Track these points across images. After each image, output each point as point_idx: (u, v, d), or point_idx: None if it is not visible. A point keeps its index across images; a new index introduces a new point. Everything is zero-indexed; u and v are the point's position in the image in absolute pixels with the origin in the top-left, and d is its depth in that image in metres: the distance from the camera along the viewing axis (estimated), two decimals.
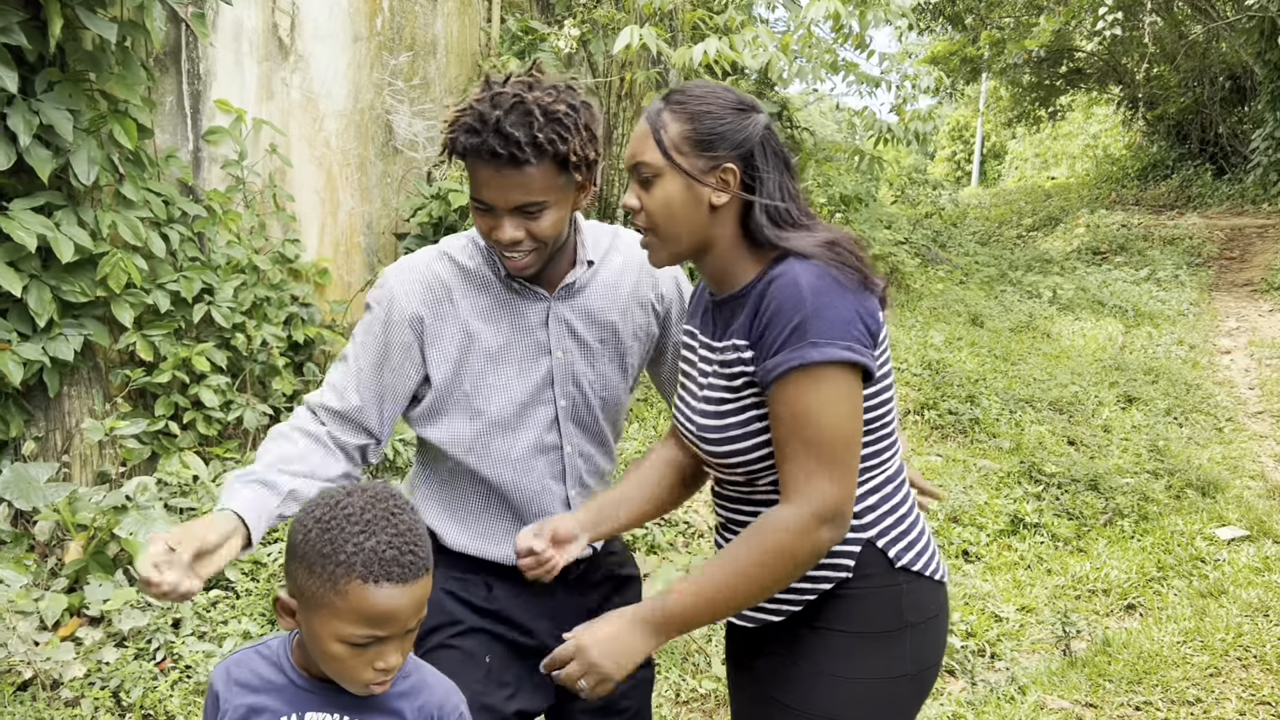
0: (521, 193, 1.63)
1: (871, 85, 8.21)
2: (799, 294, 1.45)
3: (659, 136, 1.54)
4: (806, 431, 1.45)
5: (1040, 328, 8.95)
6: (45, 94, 3.50)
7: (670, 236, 1.57)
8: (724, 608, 1.49)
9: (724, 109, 1.54)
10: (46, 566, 3.59)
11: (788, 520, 1.46)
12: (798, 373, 1.44)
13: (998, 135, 29.03)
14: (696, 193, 1.53)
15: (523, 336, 1.79)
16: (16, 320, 3.63)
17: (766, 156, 1.55)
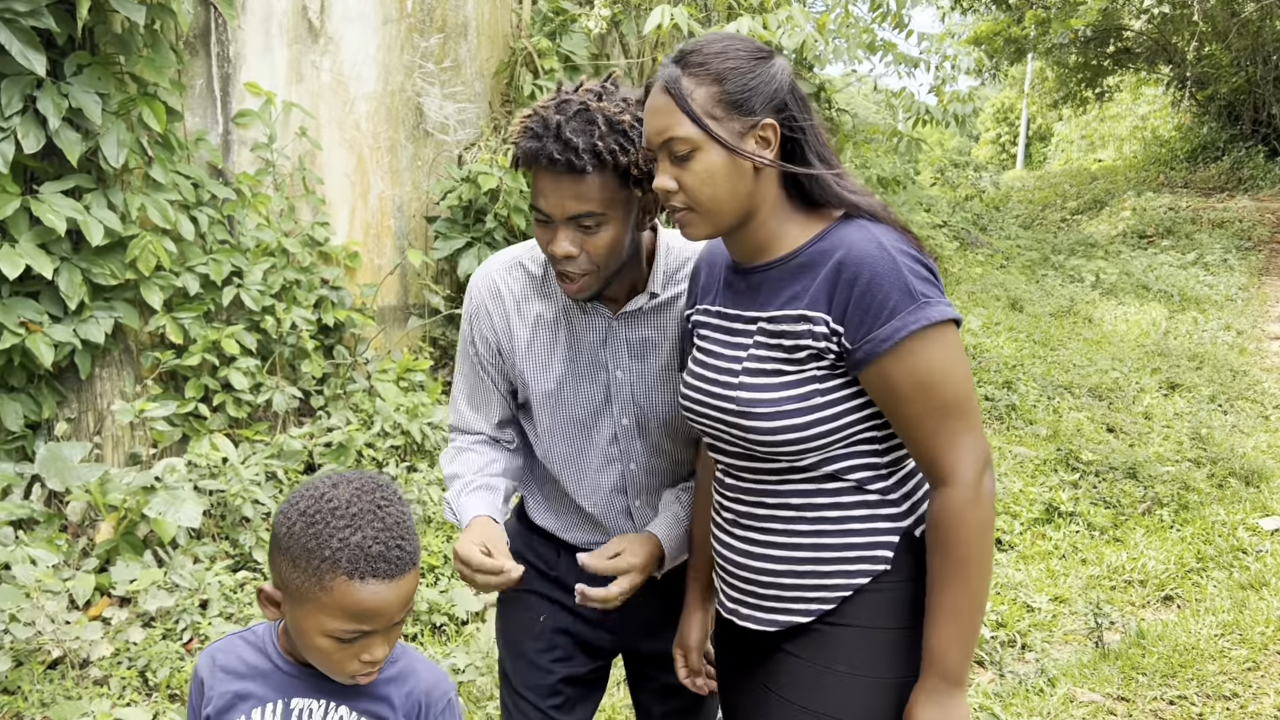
0: (578, 202, 1.58)
1: (910, 66, 8.08)
2: (890, 258, 1.38)
3: (686, 106, 1.41)
4: (942, 395, 1.38)
5: (1082, 312, 8.78)
6: (74, 77, 3.52)
7: (715, 211, 1.45)
8: (979, 622, 1.42)
9: (748, 61, 1.43)
10: (78, 546, 3.63)
11: (963, 501, 1.38)
12: (917, 337, 1.36)
13: (1043, 117, 28.51)
14: (738, 159, 1.43)
15: (581, 352, 1.79)
16: (48, 303, 3.67)
17: (799, 103, 1.45)
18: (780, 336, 1.46)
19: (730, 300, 1.57)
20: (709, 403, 1.54)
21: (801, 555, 1.49)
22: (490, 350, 1.84)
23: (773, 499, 1.51)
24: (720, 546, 1.61)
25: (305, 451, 4.39)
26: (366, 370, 4.93)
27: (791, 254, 1.47)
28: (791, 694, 1.51)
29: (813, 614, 1.50)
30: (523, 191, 5.42)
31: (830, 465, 1.47)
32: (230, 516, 3.93)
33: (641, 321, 1.78)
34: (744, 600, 1.57)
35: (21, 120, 3.36)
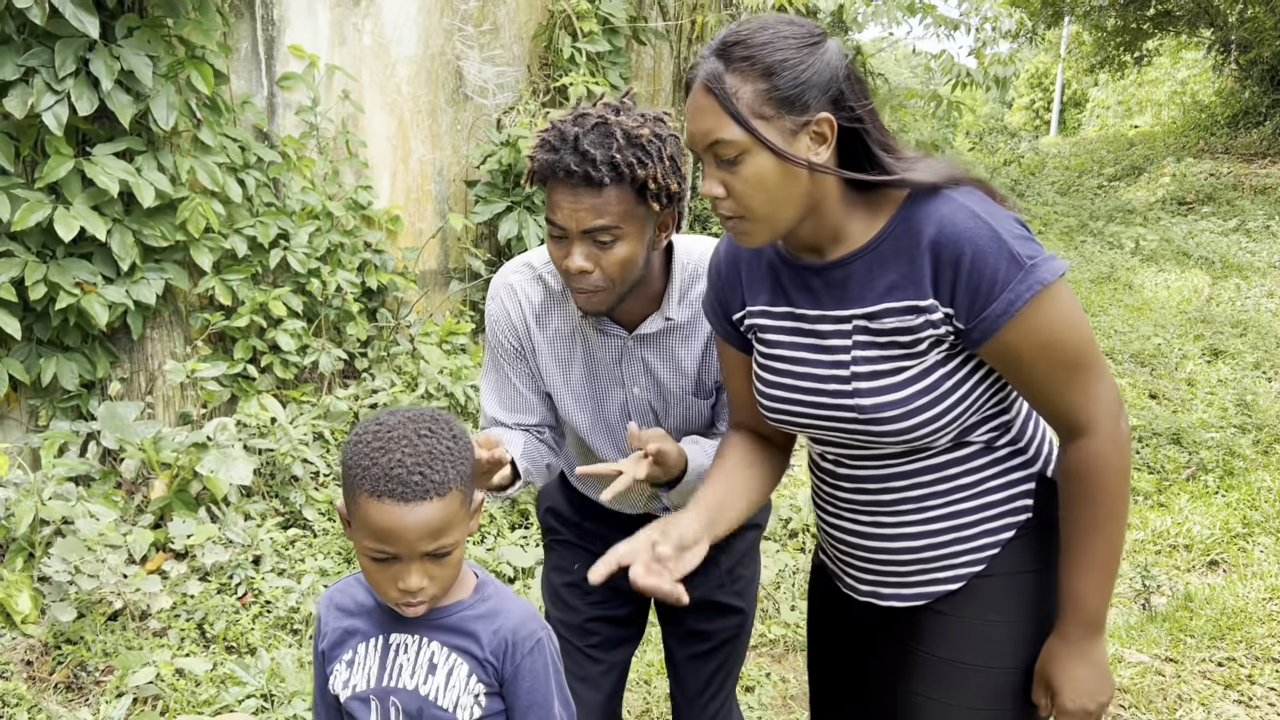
0: (593, 215, 1.57)
1: (950, 28, 7.98)
2: (986, 226, 1.30)
3: (731, 106, 1.28)
4: (1066, 351, 1.33)
5: (1122, 279, 8.69)
6: (125, 40, 3.54)
7: (769, 216, 1.34)
8: (1115, 568, 1.41)
9: (798, 50, 1.29)
10: (133, 503, 3.70)
11: (1105, 447, 1.35)
12: (1032, 304, 1.29)
13: (1079, 82, 28.06)
14: (789, 161, 1.32)
15: (598, 367, 1.80)
16: (100, 264, 3.72)
17: (855, 89, 1.34)
18: (891, 333, 1.38)
19: (804, 299, 1.46)
20: (815, 412, 1.47)
21: (943, 527, 1.48)
22: (515, 353, 1.85)
23: (900, 481, 1.47)
24: (842, 534, 1.57)
25: (351, 413, 4.44)
26: (409, 333, 4.97)
27: (872, 242, 1.38)
28: (946, 650, 1.49)
29: (963, 579, 1.49)
30: None
31: (961, 438, 1.44)
32: (280, 475, 3.99)
33: (658, 342, 1.78)
34: (884, 582, 1.55)
35: (75, 83, 3.39)
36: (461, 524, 1.31)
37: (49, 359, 3.67)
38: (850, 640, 1.68)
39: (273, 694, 2.93)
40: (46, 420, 3.78)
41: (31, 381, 3.66)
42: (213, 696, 2.93)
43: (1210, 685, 3.12)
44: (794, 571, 3.69)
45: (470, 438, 1.41)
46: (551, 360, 1.83)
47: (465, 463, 1.31)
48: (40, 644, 3.12)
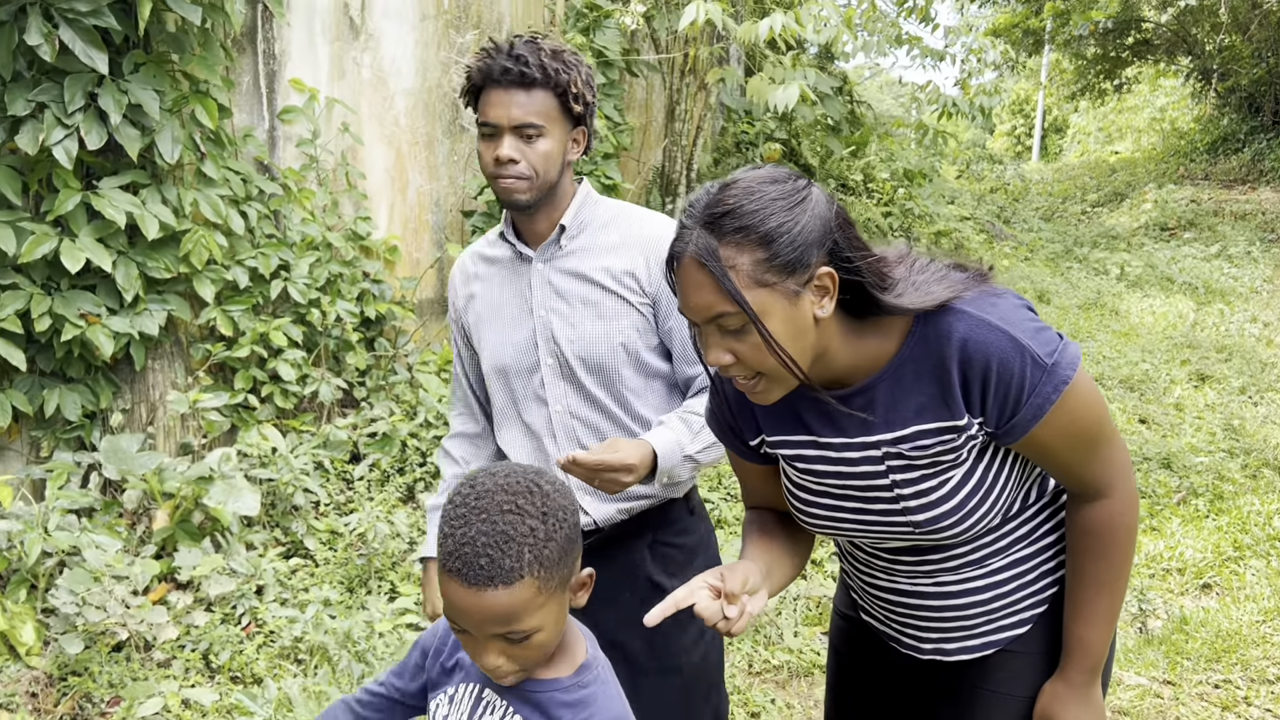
0: (522, 111, 1.77)
1: (936, 59, 8.11)
2: (1005, 335, 1.31)
3: (729, 284, 1.25)
4: (1089, 433, 1.37)
5: (1108, 305, 8.80)
6: (132, 75, 3.58)
7: (785, 375, 1.33)
8: (1116, 620, 1.47)
9: (788, 211, 1.26)
10: (136, 534, 3.71)
11: (1122, 508, 1.41)
12: (1060, 401, 1.32)
13: (1059, 109, 28.41)
14: (798, 318, 1.29)
15: (516, 299, 1.94)
16: (104, 295, 3.74)
17: (844, 228, 1.31)
18: (926, 452, 1.40)
19: (826, 428, 1.47)
20: (867, 528, 1.49)
21: (1007, 576, 1.51)
22: (459, 320, 2.04)
23: (961, 548, 1.50)
24: (898, 597, 1.58)
25: (350, 442, 4.46)
26: (408, 362, 5.00)
27: (890, 366, 1.39)
28: (1016, 688, 1.53)
29: (1030, 621, 1.53)
30: None
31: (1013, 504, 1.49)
32: (281, 505, 4.00)
33: (561, 261, 1.91)
34: (949, 638, 1.57)
35: (84, 117, 3.42)
36: (543, 608, 1.22)
37: (52, 390, 3.69)
38: (897, 693, 1.68)
39: None
40: (49, 451, 3.79)
41: (34, 412, 3.68)
42: None
43: (1208, 707, 3.16)
44: (795, 598, 3.72)
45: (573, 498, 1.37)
46: (481, 302, 1.98)
47: (551, 544, 1.21)
48: (45, 676, 3.12)
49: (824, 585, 3.80)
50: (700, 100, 7.24)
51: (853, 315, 1.37)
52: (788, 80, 5.75)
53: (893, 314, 1.35)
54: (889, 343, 1.39)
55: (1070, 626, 1.47)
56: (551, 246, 1.90)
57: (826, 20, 6.38)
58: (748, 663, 3.40)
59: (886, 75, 10.86)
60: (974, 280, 1.37)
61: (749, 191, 1.27)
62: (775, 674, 3.37)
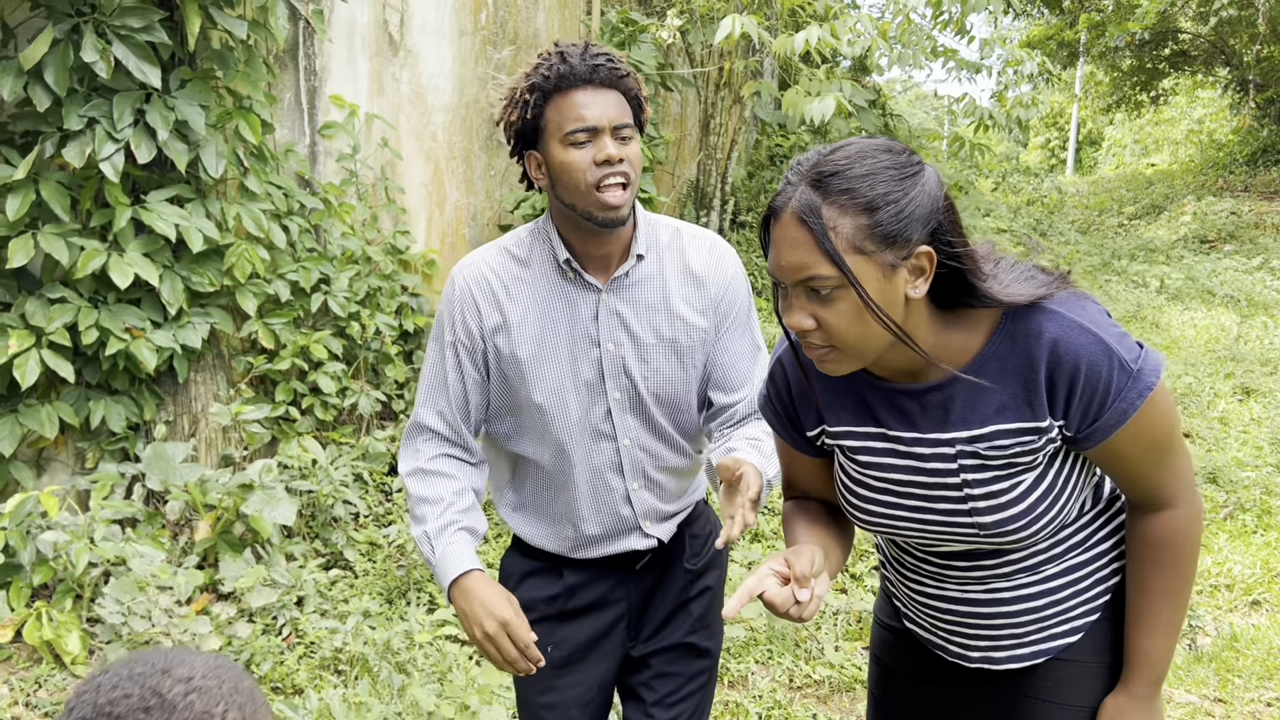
0: (618, 110, 1.66)
1: (972, 71, 8.07)
2: (1095, 339, 1.29)
3: (828, 244, 1.23)
4: (1163, 442, 1.36)
5: (1149, 318, 8.69)
6: (179, 91, 3.64)
7: (860, 350, 1.30)
8: (1178, 632, 1.45)
9: (898, 181, 1.24)
10: (178, 545, 3.75)
11: (1188, 519, 1.40)
12: (1143, 408, 1.31)
13: (1094, 121, 28.19)
14: (889, 294, 1.27)
15: (573, 328, 1.77)
16: (149, 309, 3.79)
17: (949, 215, 1.29)
18: (1004, 453, 1.37)
19: (899, 421, 1.43)
20: (928, 529, 1.45)
21: (1061, 583, 1.49)
22: (474, 339, 1.80)
23: (1015, 553, 1.47)
24: (948, 604, 1.55)
25: (389, 454, 4.49)
26: None
27: (974, 363, 1.35)
28: (1065, 696, 1.50)
29: (1081, 630, 1.50)
30: None
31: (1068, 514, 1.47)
32: (321, 516, 4.03)
33: (631, 291, 1.78)
34: (998, 645, 1.54)
35: (134, 132, 3.48)
36: None
37: (98, 402, 3.74)
38: (942, 703, 1.65)
39: None
40: (94, 463, 3.84)
41: (80, 424, 3.73)
42: None
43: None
44: (835, 613, 3.69)
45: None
46: (524, 331, 1.78)
47: None
48: None
49: (864, 600, 3.76)
50: (735, 114, 7.25)
51: (940, 306, 1.34)
52: (823, 93, 5.74)
53: (986, 305, 1.32)
54: (974, 338, 1.36)
55: (1133, 638, 1.45)
56: (622, 277, 1.77)
57: (861, 33, 6.37)
58: (789, 678, 3.37)
59: (920, 89, 10.83)
60: (1059, 282, 1.35)
61: (861, 156, 1.25)
62: (816, 689, 3.34)
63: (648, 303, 1.78)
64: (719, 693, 3.26)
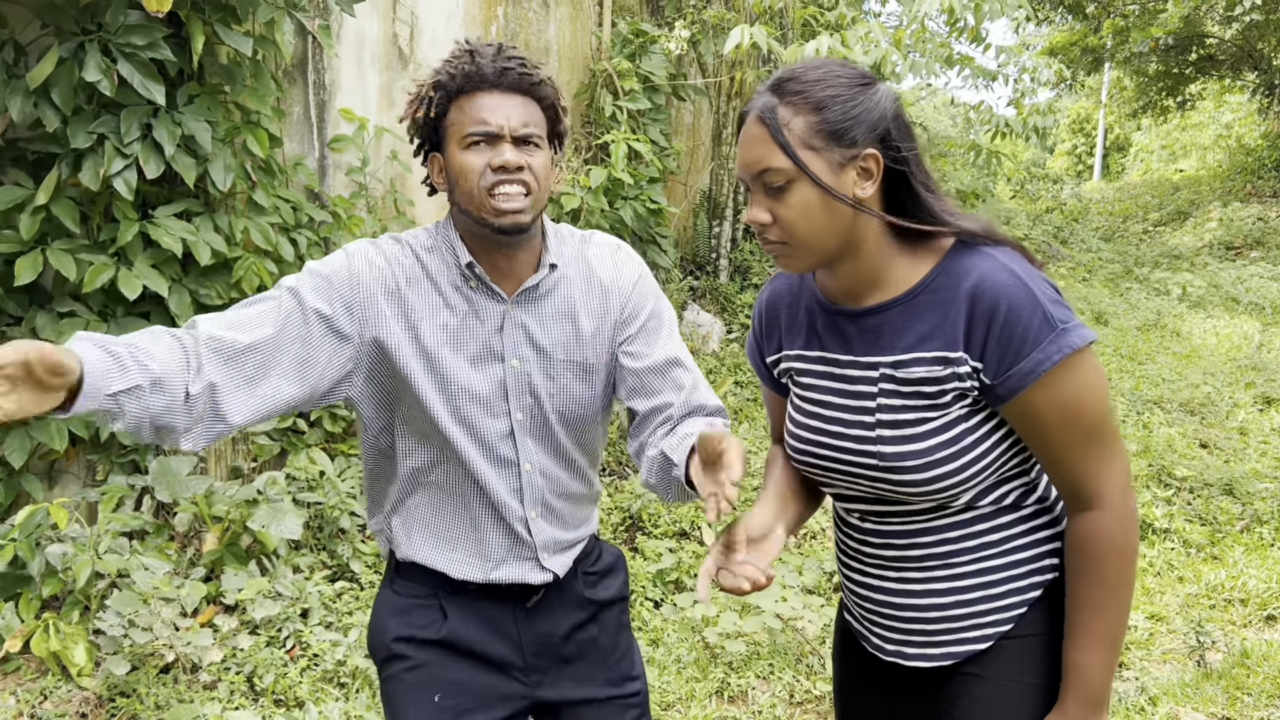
0: (525, 117, 1.57)
1: (988, 79, 8.02)
2: (1022, 285, 1.33)
3: (781, 137, 1.34)
4: (1085, 420, 1.34)
5: (1169, 326, 8.59)
6: (186, 106, 3.68)
7: (811, 244, 1.38)
8: (1120, 644, 1.41)
9: (849, 88, 1.35)
10: (186, 556, 3.78)
11: (1113, 523, 1.36)
12: (1060, 367, 1.31)
13: (1121, 127, 27.94)
14: (837, 188, 1.36)
15: (474, 339, 1.65)
16: (158, 322, 3.83)
17: (903, 132, 1.38)
18: (918, 383, 1.40)
19: (837, 344, 1.49)
20: (840, 458, 1.48)
21: (971, 584, 1.46)
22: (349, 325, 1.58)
23: (926, 537, 1.47)
24: (867, 590, 1.56)
25: None
26: None
27: (909, 291, 1.41)
28: (979, 715, 1.47)
29: (991, 638, 1.47)
30: (604, 211, 5.50)
31: (985, 495, 1.44)
32: (327, 528, 4.05)
33: (540, 305, 1.68)
34: (910, 641, 1.53)
35: (142, 148, 3.52)
36: None
37: None
38: (879, 704, 1.64)
39: None
40: (104, 475, 3.88)
41: (90, 436, 3.76)
42: None
43: None
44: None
45: None
46: (420, 336, 1.62)
47: None
48: (95, 696, 3.18)
49: None
50: None
51: (897, 235, 1.43)
52: None
53: (930, 224, 1.39)
54: (919, 268, 1.42)
55: (1066, 652, 1.41)
56: (531, 288, 1.66)
57: (875, 42, 6.35)
58: (789, 693, 3.35)
59: (941, 95, 10.77)
60: (1014, 246, 1.42)
61: (817, 66, 1.38)
62: (817, 705, 3.31)
63: (555, 315, 1.69)
64: (718, 708, 3.25)
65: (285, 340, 1.53)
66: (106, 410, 1.34)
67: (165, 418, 1.40)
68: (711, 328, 6.62)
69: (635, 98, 5.88)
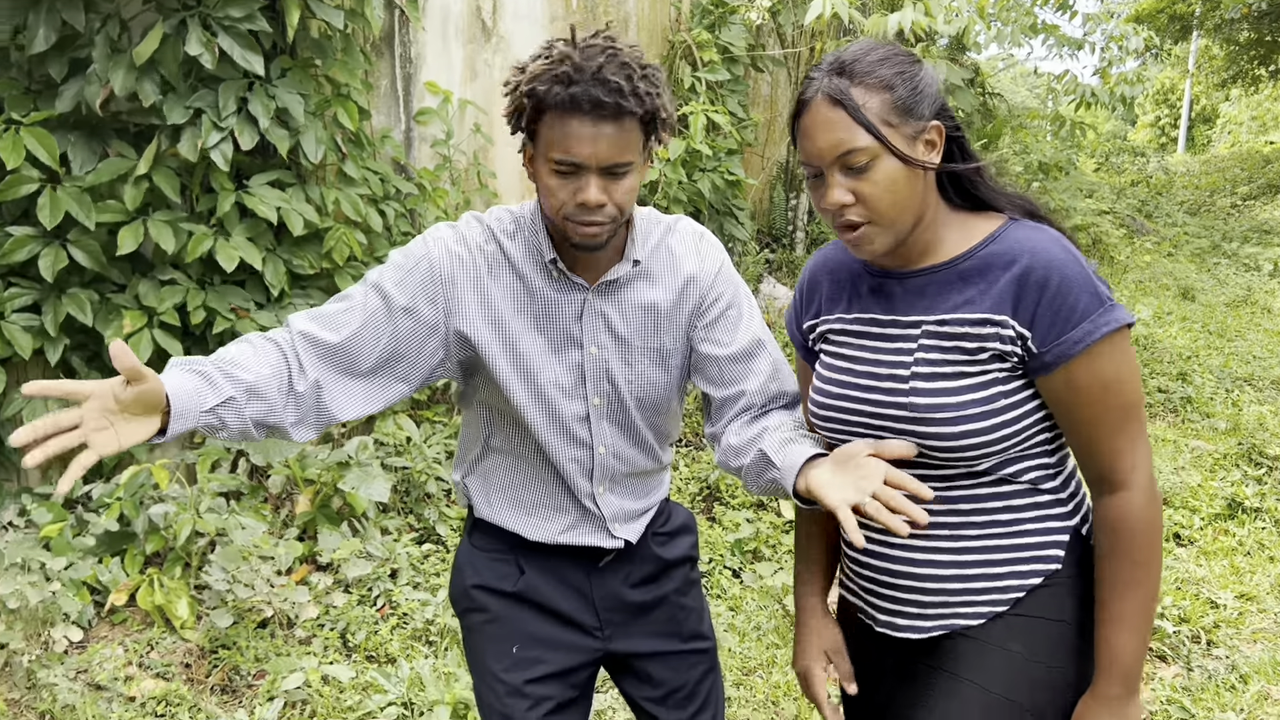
0: (615, 149, 1.48)
1: (1074, 48, 7.82)
2: (1074, 260, 1.37)
3: (862, 117, 1.36)
4: (1123, 398, 1.37)
5: (1260, 302, 8.34)
6: (279, 80, 3.77)
7: (895, 219, 1.41)
8: (1151, 623, 1.41)
9: (909, 65, 1.41)
10: (279, 517, 3.91)
11: (1143, 503, 1.39)
12: (1107, 340, 1.35)
13: (1208, 98, 27.02)
14: (913, 165, 1.40)
15: (554, 326, 1.66)
16: (253, 290, 3.95)
17: (947, 103, 1.46)
18: (958, 339, 1.42)
19: (881, 305, 1.52)
20: (870, 410, 1.48)
21: (974, 559, 1.46)
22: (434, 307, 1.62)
23: (938, 505, 1.46)
24: (869, 558, 1.55)
25: None
26: None
27: (961, 256, 1.45)
28: (962, 669, 1.46)
29: (983, 617, 1.47)
30: (682, 183, 5.50)
31: (1006, 468, 1.44)
32: (414, 492, 4.15)
33: (620, 294, 1.68)
34: (904, 612, 1.52)
35: (237, 120, 3.62)
36: None
37: None
38: (874, 673, 1.64)
39: (413, 702, 3.06)
40: (202, 438, 4.02)
41: None
42: (356, 703, 3.07)
43: None
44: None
45: None
46: (500, 321, 1.65)
47: None
48: (197, 648, 3.32)
49: None
50: None
51: (951, 204, 1.49)
52: None
53: (982, 195, 1.47)
54: (970, 238, 1.46)
55: (1099, 635, 1.41)
56: (612, 281, 1.66)
57: (958, 11, 6.23)
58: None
59: (1021, 66, 10.52)
60: (1060, 228, 1.47)
61: (871, 47, 1.42)
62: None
63: (635, 305, 1.68)
64: None
65: (375, 337, 1.58)
66: (206, 425, 1.43)
67: (271, 418, 1.50)
68: (787, 300, 6.61)
69: (714, 69, 5.87)
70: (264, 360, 1.51)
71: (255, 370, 1.48)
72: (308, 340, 1.55)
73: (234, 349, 1.51)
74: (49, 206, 3.42)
